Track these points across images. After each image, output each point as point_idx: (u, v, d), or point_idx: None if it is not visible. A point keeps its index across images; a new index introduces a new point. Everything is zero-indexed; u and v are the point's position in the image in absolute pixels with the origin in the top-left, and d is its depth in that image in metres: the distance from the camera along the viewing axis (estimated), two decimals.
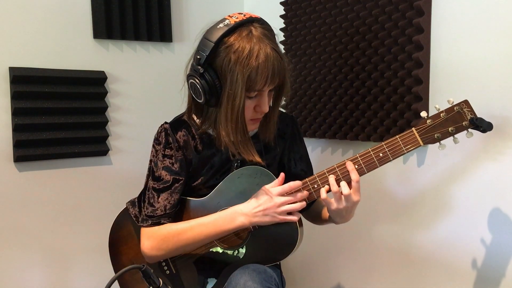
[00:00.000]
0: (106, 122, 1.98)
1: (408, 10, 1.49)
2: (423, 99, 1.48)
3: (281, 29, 2.02)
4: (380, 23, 1.59)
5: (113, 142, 2.03)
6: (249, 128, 1.28)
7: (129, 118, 2.06)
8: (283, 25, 2.02)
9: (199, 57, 1.18)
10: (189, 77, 1.23)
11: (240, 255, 1.31)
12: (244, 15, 1.20)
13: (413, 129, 1.20)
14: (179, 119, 1.36)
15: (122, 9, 1.97)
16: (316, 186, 1.24)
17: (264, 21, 1.23)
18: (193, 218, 1.31)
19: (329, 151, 1.90)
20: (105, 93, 1.97)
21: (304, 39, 1.92)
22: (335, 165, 1.23)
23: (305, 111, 1.93)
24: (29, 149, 1.81)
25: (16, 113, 1.78)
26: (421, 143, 1.19)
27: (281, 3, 2.03)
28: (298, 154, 1.45)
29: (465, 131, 1.20)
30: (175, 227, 1.30)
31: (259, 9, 2.21)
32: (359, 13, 1.66)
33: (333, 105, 1.80)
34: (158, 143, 1.33)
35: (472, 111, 1.19)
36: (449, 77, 1.44)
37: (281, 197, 1.23)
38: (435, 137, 1.19)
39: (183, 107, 1.38)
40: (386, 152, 1.20)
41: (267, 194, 1.24)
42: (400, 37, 1.52)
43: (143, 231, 1.32)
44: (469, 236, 1.44)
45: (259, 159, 1.29)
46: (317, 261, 2.01)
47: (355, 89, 1.70)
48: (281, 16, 2.03)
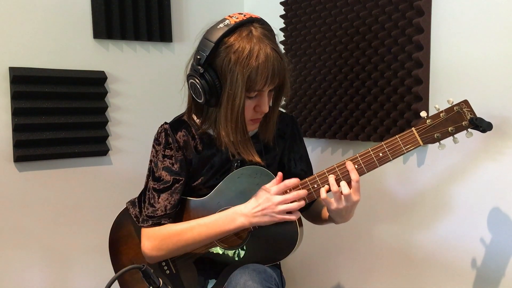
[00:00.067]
0: (106, 122, 1.98)
1: (408, 10, 1.49)
2: (423, 99, 1.48)
3: (281, 29, 2.02)
4: (380, 23, 1.59)
5: (113, 142, 2.03)
6: (249, 128, 1.28)
7: (129, 118, 2.06)
8: (283, 25, 2.02)
9: (199, 57, 1.18)
10: (189, 77, 1.23)
11: (240, 255, 1.31)
12: (244, 15, 1.20)
13: (413, 129, 1.20)
14: (179, 119, 1.36)
15: (122, 9, 1.97)
16: (316, 186, 1.24)
17: (264, 21, 1.23)
18: (193, 218, 1.31)
19: (329, 151, 1.90)
20: (105, 93, 1.97)
21: (304, 39, 1.92)
22: (335, 165, 1.23)
23: (305, 111, 1.93)
24: (29, 149, 1.81)
25: (16, 113, 1.78)
26: (421, 143, 1.19)
27: (281, 3, 2.03)
28: (298, 154, 1.45)
29: (465, 131, 1.20)
30: (175, 227, 1.30)
31: (259, 9, 2.21)
32: (359, 13, 1.66)
33: (333, 105, 1.80)
34: (158, 144, 1.33)
35: (471, 111, 1.19)
36: (449, 77, 1.44)
37: (279, 196, 1.22)
38: (435, 137, 1.19)
39: (183, 107, 1.38)
40: (386, 152, 1.20)
41: (266, 194, 1.24)
42: (400, 37, 1.52)
43: (144, 231, 1.32)
44: (469, 236, 1.44)
45: (258, 159, 1.29)
46: (317, 261, 2.01)
47: (355, 89, 1.70)
48: (281, 16, 2.03)
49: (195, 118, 1.34)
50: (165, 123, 1.35)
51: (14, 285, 1.85)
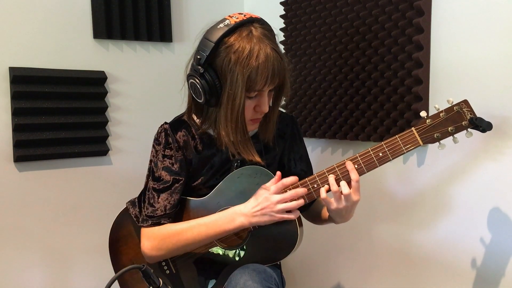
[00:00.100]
0: (106, 122, 1.98)
1: (408, 10, 1.49)
2: (423, 99, 1.48)
3: (281, 29, 2.02)
4: (380, 23, 1.59)
5: (113, 142, 2.03)
6: (249, 128, 1.28)
7: (129, 118, 2.06)
8: (283, 25, 2.02)
9: (199, 57, 1.18)
10: (189, 77, 1.23)
11: (240, 255, 1.31)
12: (244, 15, 1.20)
13: (413, 128, 1.20)
14: (179, 119, 1.36)
15: (122, 9, 1.97)
16: (316, 185, 1.24)
17: (264, 21, 1.23)
18: (193, 218, 1.31)
19: (329, 151, 1.90)
20: (105, 93, 1.97)
21: (304, 39, 1.92)
22: (335, 165, 1.23)
23: (305, 111, 1.93)
24: (29, 149, 1.81)
25: (16, 113, 1.78)
26: (421, 143, 1.19)
27: (281, 3, 2.03)
28: (298, 154, 1.45)
29: (465, 131, 1.20)
30: (175, 227, 1.30)
31: (259, 9, 2.21)
32: (359, 13, 1.66)
33: (333, 105, 1.80)
34: (158, 144, 1.33)
35: (471, 111, 1.19)
36: (449, 77, 1.44)
37: (277, 195, 1.22)
38: (435, 137, 1.19)
39: (183, 107, 1.38)
40: (385, 151, 1.20)
41: (265, 193, 1.23)
42: (400, 37, 1.52)
43: (143, 231, 1.32)
44: (469, 236, 1.44)
45: (258, 159, 1.29)
46: (317, 261, 2.01)
47: (355, 89, 1.70)
48: (281, 16, 2.03)
49: (195, 118, 1.34)
50: (165, 123, 1.35)
51: (14, 285, 1.84)
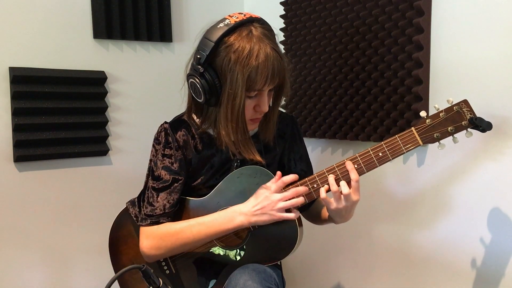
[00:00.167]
0: (106, 122, 1.98)
1: (408, 10, 1.49)
2: (423, 99, 1.48)
3: (281, 29, 2.02)
4: (380, 23, 1.59)
5: (113, 142, 2.03)
6: (249, 127, 1.28)
7: (129, 118, 2.06)
8: (283, 25, 2.02)
9: (199, 56, 1.18)
10: (189, 76, 1.23)
11: (240, 255, 1.31)
12: (244, 15, 1.20)
13: (413, 128, 1.20)
14: (179, 119, 1.36)
15: (122, 9, 1.97)
16: (315, 185, 1.24)
17: (264, 21, 1.23)
18: (192, 218, 1.31)
19: (329, 151, 1.90)
20: (105, 93, 1.97)
21: (304, 39, 1.92)
22: (335, 165, 1.23)
23: (305, 111, 1.93)
24: (29, 149, 1.81)
25: (16, 113, 1.78)
26: (421, 143, 1.19)
27: (281, 3, 2.03)
28: (298, 154, 1.45)
29: (465, 131, 1.20)
30: (174, 226, 1.30)
31: (259, 9, 2.21)
32: (359, 13, 1.66)
33: (333, 105, 1.80)
34: (158, 143, 1.33)
35: (471, 110, 1.19)
36: (449, 77, 1.44)
37: (278, 194, 1.22)
38: (435, 137, 1.19)
39: (183, 107, 1.38)
40: (385, 151, 1.20)
41: (265, 192, 1.24)
42: (400, 37, 1.52)
43: (142, 230, 1.32)
44: (469, 236, 1.44)
45: (259, 158, 1.29)
46: (317, 261, 2.01)
47: (355, 89, 1.70)
48: (281, 16, 2.03)
49: (195, 117, 1.34)
50: (165, 122, 1.35)
51: (14, 285, 1.84)
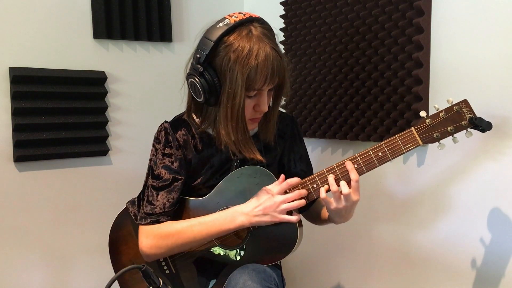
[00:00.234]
0: (106, 122, 1.98)
1: (408, 10, 1.49)
2: (423, 99, 1.48)
3: (281, 29, 2.02)
4: (380, 23, 1.59)
5: (113, 142, 2.03)
6: (249, 127, 1.28)
7: (129, 118, 2.06)
8: (283, 25, 2.02)
9: (198, 56, 1.18)
10: (188, 76, 1.23)
11: (239, 255, 1.31)
12: (244, 15, 1.20)
13: (412, 128, 1.20)
14: (179, 118, 1.36)
15: (122, 9, 1.97)
16: (315, 185, 1.24)
17: (264, 21, 1.23)
18: (192, 218, 1.31)
19: (329, 151, 1.90)
20: (105, 93, 1.97)
21: (304, 39, 1.92)
22: (335, 165, 1.23)
23: (305, 111, 1.93)
24: (29, 149, 1.81)
25: (16, 113, 1.78)
26: (420, 143, 1.19)
27: (281, 3, 2.03)
28: (298, 154, 1.45)
29: (465, 131, 1.19)
30: (175, 225, 1.30)
31: (259, 9, 2.21)
32: (359, 13, 1.66)
33: (333, 105, 1.80)
34: (158, 142, 1.33)
35: (471, 110, 1.19)
36: (449, 77, 1.44)
37: (281, 196, 1.23)
38: (434, 137, 1.19)
39: (183, 106, 1.38)
40: (385, 151, 1.20)
41: (267, 193, 1.24)
42: (400, 37, 1.52)
43: (142, 229, 1.32)
44: (469, 236, 1.44)
45: (260, 157, 1.29)
46: (317, 261, 2.01)
47: (355, 89, 1.70)
48: (281, 16, 2.03)
49: (194, 117, 1.34)
50: (165, 122, 1.35)
51: (14, 285, 1.84)
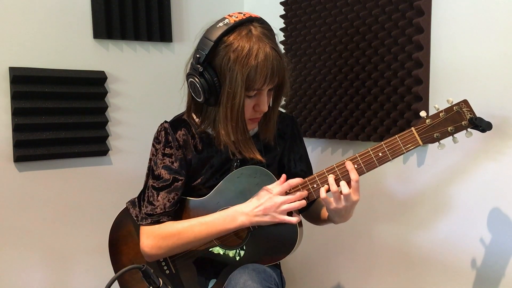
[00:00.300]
0: (106, 122, 1.98)
1: (408, 10, 1.49)
2: (423, 99, 1.48)
3: (281, 29, 2.02)
4: (380, 23, 1.59)
5: (113, 142, 2.03)
6: (248, 127, 1.28)
7: (129, 118, 2.06)
8: (283, 25, 2.02)
9: (198, 56, 1.18)
10: (188, 76, 1.23)
11: (239, 254, 1.31)
12: (244, 15, 1.20)
13: (412, 128, 1.20)
14: (179, 118, 1.36)
15: (122, 9, 1.97)
16: (315, 185, 1.24)
17: (263, 21, 1.23)
18: (193, 218, 1.31)
19: (329, 151, 1.90)
20: (105, 93, 1.97)
21: (304, 39, 1.92)
22: (335, 165, 1.23)
23: (305, 111, 1.93)
24: (29, 149, 1.81)
25: (16, 113, 1.78)
26: (421, 143, 1.19)
27: (281, 3, 2.03)
28: (298, 154, 1.45)
29: (465, 131, 1.19)
30: (175, 226, 1.30)
31: (259, 9, 2.21)
32: (359, 13, 1.66)
33: (333, 105, 1.80)
34: (158, 142, 1.33)
35: (471, 110, 1.19)
36: (449, 77, 1.44)
37: (282, 196, 1.23)
38: (434, 137, 1.19)
39: (183, 106, 1.38)
40: (385, 151, 1.20)
41: (268, 193, 1.24)
42: (400, 37, 1.52)
43: (143, 229, 1.32)
44: (469, 236, 1.44)
45: (260, 157, 1.29)
46: (317, 261, 2.01)
47: (355, 89, 1.70)
48: (281, 16, 2.03)
49: (194, 117, 1.34)
50: (165, 121, 1.35)
51: (14, 285, 1.84)
